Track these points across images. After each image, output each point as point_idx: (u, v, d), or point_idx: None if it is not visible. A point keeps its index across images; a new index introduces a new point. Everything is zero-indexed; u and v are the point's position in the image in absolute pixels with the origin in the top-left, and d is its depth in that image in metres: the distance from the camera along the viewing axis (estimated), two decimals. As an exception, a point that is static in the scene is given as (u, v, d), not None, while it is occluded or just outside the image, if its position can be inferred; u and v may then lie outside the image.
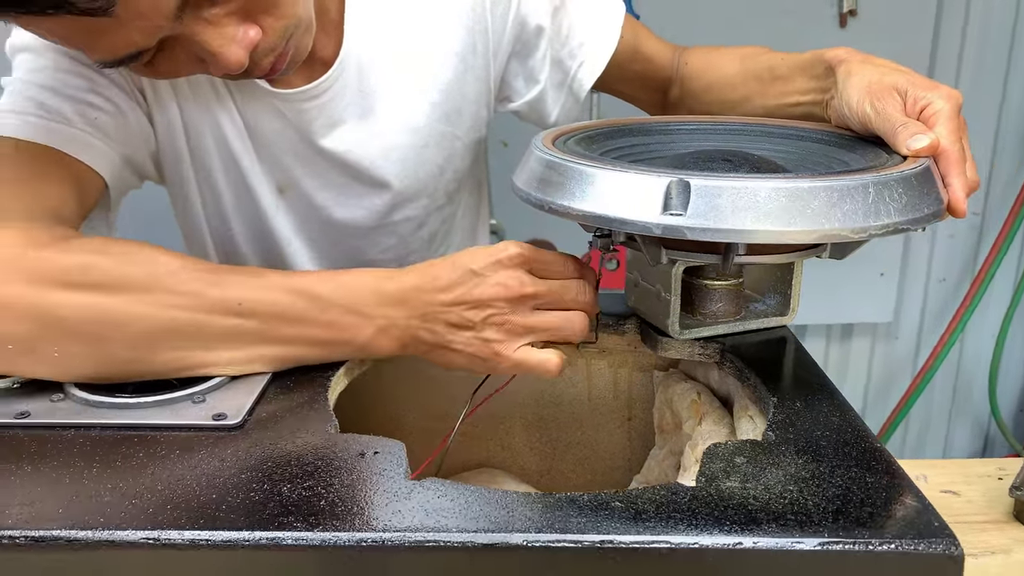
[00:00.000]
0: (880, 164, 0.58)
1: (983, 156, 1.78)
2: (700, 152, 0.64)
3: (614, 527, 0.43)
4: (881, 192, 0.52)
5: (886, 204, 0.51)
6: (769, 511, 0.44)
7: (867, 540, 0.42)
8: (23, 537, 0.43)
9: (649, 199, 0.52)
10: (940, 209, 0.55)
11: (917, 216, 0.53)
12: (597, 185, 0.54)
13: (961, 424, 2.01)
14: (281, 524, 0.44)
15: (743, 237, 0.51)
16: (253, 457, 0.50)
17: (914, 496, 0.46)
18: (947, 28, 1.69)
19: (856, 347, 1.91)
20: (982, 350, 1.91)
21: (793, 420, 0.55)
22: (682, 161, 0.62)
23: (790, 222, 0.50)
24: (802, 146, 0.68)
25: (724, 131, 0.73)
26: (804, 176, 0.53)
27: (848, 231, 0.50)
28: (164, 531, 0.43)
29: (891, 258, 1.81)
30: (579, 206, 0.55)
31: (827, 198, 0.51)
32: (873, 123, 0.63)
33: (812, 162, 0.66)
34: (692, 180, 0.51)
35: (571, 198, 0.55)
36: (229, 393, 0.58)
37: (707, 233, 0.50)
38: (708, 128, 0.73)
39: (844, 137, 0.67)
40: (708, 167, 0.60)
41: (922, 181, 0.54)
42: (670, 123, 0.74)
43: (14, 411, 0.55)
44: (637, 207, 0.52)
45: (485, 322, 0.61)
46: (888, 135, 0.61)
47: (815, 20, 1.62)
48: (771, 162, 0.63)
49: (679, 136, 0.72)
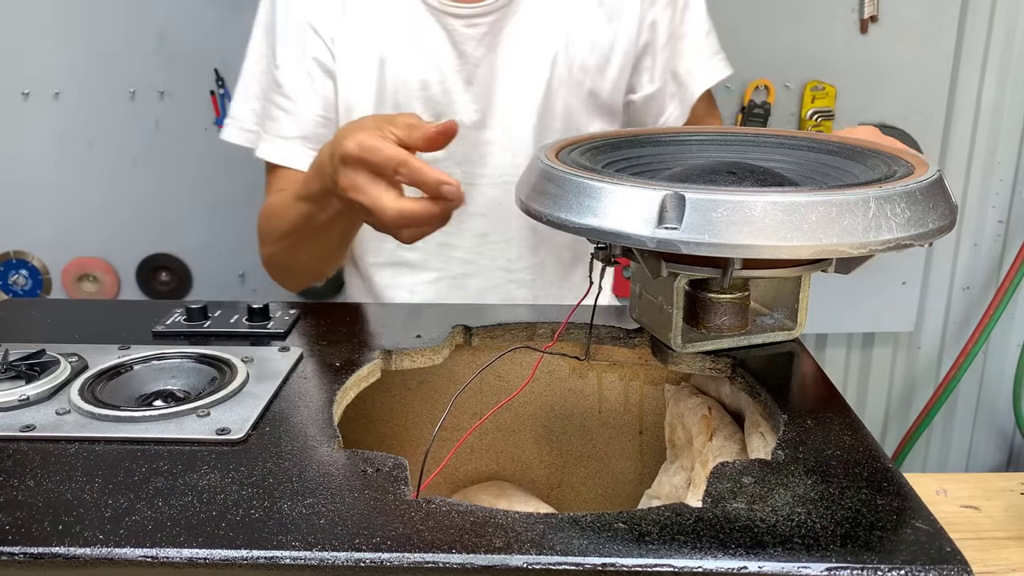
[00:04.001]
0: (887, 177, 0.56)
1: (1009, 160, 1.75)
2: (706, 165, 0.63)
3: (616, 549, 0.43)
4: (883, 206, 0.50)
5: (888, 219, 0.50)
6: (776, 534, 0.44)
7: (876, 565, 0.41)
8: (22, 554, 0.43)
9: (644, 212, 0.51)
10: (948, 223, 0.54)
11: (921, 231, 0.52)
12: (593, 198, 0.54)
13: (984, 435, 1.97)
14: (279, 543, 0.43)
15: (739, 252, 0.50)
16: (255, 473, 0.50)
17: (926, 519, 0.45)
18: (971, 32, 1.67)
19: (878, 356, 1.89)
20: (1006, 360, 1.88)
21: (804, 438, 0.54)
22: (686, 174, 0.61)
23: (787, 237, 0.49)
24: (813, 158, 0.67)
25: (736, 142, 0.71)
26: (802, 190, 0.52)
27: (847, 246, 0.49)
28: (163, 549, 0.43)
29: (914, 266, 1.78)
30: (574, 218, 0.54)
31: (825, 212, 0.49)
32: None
33: (821, 174, 0.65)
34: (687, 194, 0.50)
35: (567, 210, 0.55)
36: (234, 407, 0.58)
37: (702, 247, 0.50)
38: (719, 139, 0.72)
39: (856, 149, 0.65)
40: (711, 179, 0.59)
41: (928, 195, 0.53)
42: (679, 134, 0.73)
43: (20, 424, 0.55)
44: (632, 220, 0.51)
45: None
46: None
47: (836, 26, 1.61)
48: (777, 174, 0.62)
49: (689, 147, 0.71)
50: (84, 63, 1.56)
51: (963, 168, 1.76)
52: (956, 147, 1.74)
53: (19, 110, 1.58)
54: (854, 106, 1.65)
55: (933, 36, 1.63)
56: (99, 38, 1.54)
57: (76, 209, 1.62)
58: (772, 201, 0.49)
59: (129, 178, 1.62)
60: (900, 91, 1.65)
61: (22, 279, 1.67)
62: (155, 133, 1.60)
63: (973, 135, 1.74)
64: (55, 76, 1.56)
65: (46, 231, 1.65)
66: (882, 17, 1.60)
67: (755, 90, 1.63)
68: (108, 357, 0.65)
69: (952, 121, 1.72)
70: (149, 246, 1.66)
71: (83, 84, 1.57)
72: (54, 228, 1.64)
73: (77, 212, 1.63)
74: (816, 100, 1.63)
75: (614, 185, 0.53)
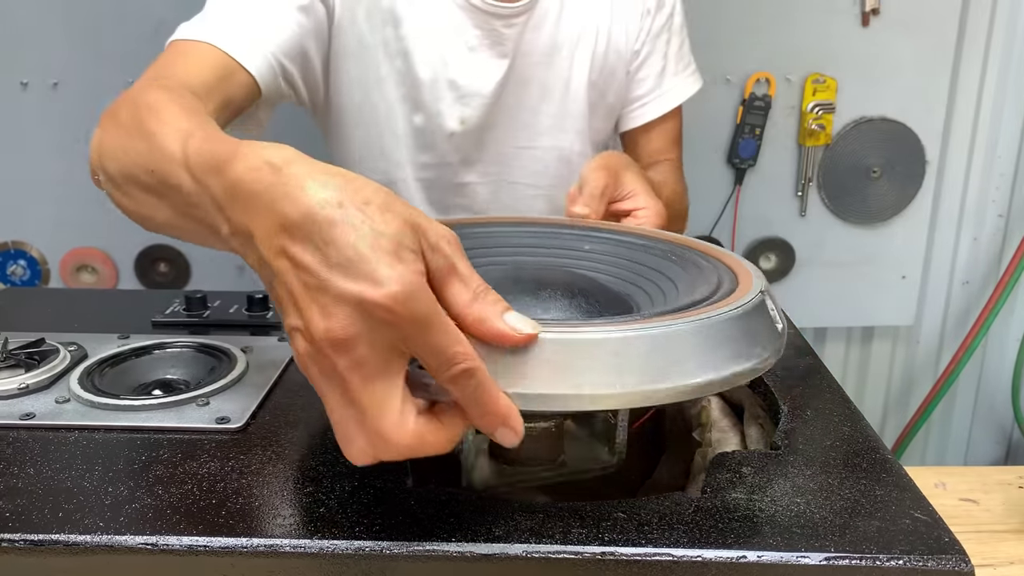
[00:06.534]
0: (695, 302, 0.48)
1: (1009, 154, 1.75)
2: (511, 268, 0.55)
3: (616, 538, 0.43)
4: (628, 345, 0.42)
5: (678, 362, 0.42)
6: (774, 524, 0.44)
7: (874, 555, 0.41)
8: (22, 541, 0.43)
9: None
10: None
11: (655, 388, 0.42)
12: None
13: (983, 430, 1.97)
14: (280, 531, 0.43)
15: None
16: (255, 462, 0.50)
17: (924, 510, 0.45)
18: (972, 26, 1.66)
19: (877, 350, 1.89)
20: (1006, 354, 1.88)
21: (803, 429, 0.54)
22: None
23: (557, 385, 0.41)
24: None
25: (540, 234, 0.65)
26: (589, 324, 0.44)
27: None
28: (163, 536, 0.43)
29: (913, 260, 1.78)
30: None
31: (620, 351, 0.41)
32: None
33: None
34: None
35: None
36: (234, 396, 0.58)
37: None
38: (526, 231, 0.65)
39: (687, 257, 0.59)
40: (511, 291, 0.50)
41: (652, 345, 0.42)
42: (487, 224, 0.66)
43: (20, 412, 0.55)
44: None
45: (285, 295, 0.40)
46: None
47: (837, 19, 1.60)
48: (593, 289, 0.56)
49: (495, 238, 0.63)
50: (83, 53, 1.55)
51: (963, 162, 1.75)
52: (957, 140, 1.74)
53: (17, 100, 1.57)
54: (855, 99, 1.65)
55: (935, 29, 1.62)
56: (98, 28, 1.54)
57: (74, 200, 1.62)
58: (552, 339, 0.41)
59: (128, 169, 1.61)
60: (901, 84, 1.65)
61: (20, 270, 1.67)
62: (154, 124, 1.60)
63: (974, 129, 1.74)
64: (54, 66, 1.56)
65: (44, 222, 1.64)
66: (883, 10, 1.60)
67: (756, 83, 1.62)
68: (108, 346, 0.65)
69: (953, 114, 1.72)
70: (147, 237, 1.66)
71: (82, 74, 1.56)
72: (52, 219, 1.64)
73: (75, 203, 1.62)
74: (817, 93, 1.63)
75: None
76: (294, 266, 0.38)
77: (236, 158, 0.42)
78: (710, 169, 1.67)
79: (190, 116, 0.54)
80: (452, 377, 0.38)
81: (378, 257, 0.37)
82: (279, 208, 0.39)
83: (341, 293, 0.37)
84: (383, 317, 0.37)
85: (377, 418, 0.38)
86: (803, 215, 1.72)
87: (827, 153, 1.67)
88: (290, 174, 0.39)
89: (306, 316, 0.38)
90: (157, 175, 0.50)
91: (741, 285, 0.50)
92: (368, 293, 0.36)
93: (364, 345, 0.37)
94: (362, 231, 0.37)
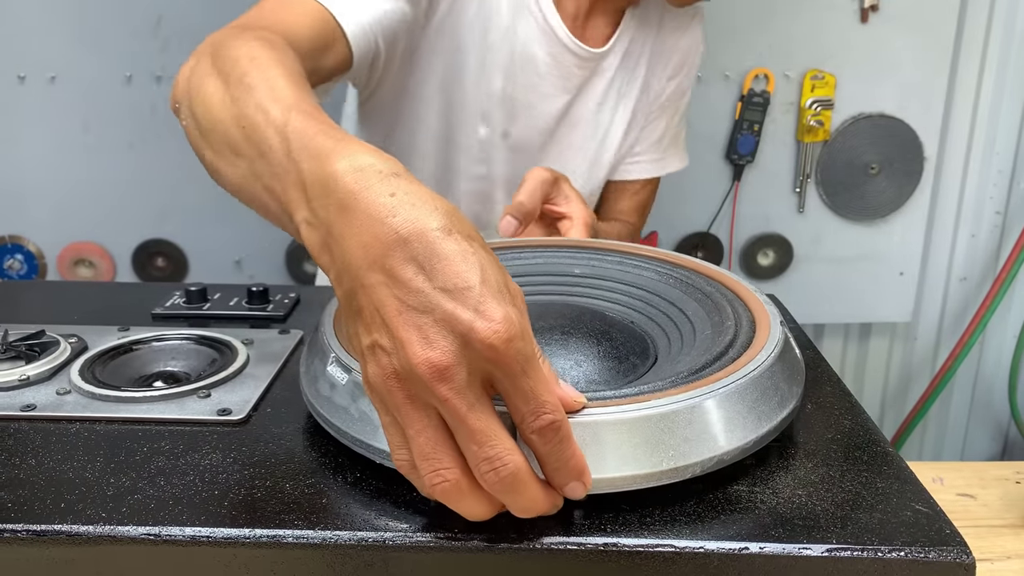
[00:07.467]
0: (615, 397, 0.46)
1: (1007, 151, 1.75)
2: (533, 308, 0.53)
3: (618, 529, 0.43)
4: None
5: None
6: (776, 515, 0.44)
7: (876, 547, 0.41)
8: (25, 531, 0.43)
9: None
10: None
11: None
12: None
13: (980, 426, 1.98)
14: (282, 522, 0.43)
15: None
16: (257, 453, 0.50)
17: (926, 502, 0.45)
18: (971, 23, 1.66)
19: (874, 347, 1.89)
20: (1003, 351, 1.89)
21: (804, 422, 0.54)
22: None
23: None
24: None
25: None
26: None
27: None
28: (165, 527, 0.43)
29: (911, 257, 1.78)
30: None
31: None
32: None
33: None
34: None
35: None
36: (235, 388, 0.58)
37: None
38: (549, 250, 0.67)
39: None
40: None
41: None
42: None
43: (20, 403, 0.55)
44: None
45: (368, 350, 0.40)
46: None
47: (836, 15, 1.60)
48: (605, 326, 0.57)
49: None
50: (80, 47, 1.54)
51: (962, 158, 1.76)
52: (955, 137, 1.74)
53: (14, 94, 1.57)
54: (854, 95, 1.65)
55: (933, 25, 1.62)
56: (96, 21, 1.53)
57: (72, 194, 1.62)
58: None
59: (125, 163, 1.61)
60: (900, 80, 1.65)
61: (17, 264, 1.67)
62: (151, 118, 1.59)
63: (972, 125, 1.74)
64: (51, 60, 1.55)
65: (42, 216, 1.64)
66: (882, 6, 1.60)
67: (754, 79, 1.62)
68: (108, 338, 0.65)
69: (951, 111, 1.72)
70: (145, 232, 1.66)
71: (79, 68, 1.55)
72: (50, 213, 1.64)
73: (73, 197, 1.62)
74: (816, 89, 1.63)
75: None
76: (391, 281, 0.37)
77: (340, 152, 0.41)
78: (708, 165, 1.67)
79: (297, 86, 0.51)
80: (540, 428, 0.38)
81: (487, 292, 0.36)
82: (385, 219, 0.38)
83: (447, 318, 0.36)
84: (485, 353, 0.36)
85: (493, 440, 0.38)
86: (801, 211, 1.72)
87: (825, 149, 1.67)
88: (398, 187, 0.39)
89: (400, 336, 0.37)
90: (248, 132, 0.48)
91: (758, 321, 0.54)
92: (478, 325, 0.36)
93: (462, 375, 0.36)
94: (471, 263, 0.37)
